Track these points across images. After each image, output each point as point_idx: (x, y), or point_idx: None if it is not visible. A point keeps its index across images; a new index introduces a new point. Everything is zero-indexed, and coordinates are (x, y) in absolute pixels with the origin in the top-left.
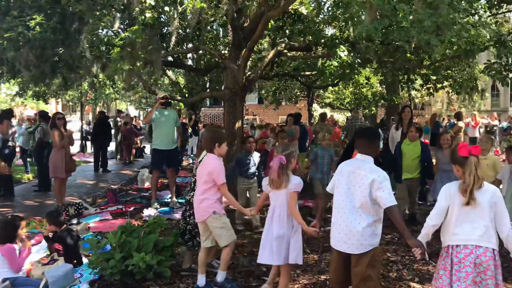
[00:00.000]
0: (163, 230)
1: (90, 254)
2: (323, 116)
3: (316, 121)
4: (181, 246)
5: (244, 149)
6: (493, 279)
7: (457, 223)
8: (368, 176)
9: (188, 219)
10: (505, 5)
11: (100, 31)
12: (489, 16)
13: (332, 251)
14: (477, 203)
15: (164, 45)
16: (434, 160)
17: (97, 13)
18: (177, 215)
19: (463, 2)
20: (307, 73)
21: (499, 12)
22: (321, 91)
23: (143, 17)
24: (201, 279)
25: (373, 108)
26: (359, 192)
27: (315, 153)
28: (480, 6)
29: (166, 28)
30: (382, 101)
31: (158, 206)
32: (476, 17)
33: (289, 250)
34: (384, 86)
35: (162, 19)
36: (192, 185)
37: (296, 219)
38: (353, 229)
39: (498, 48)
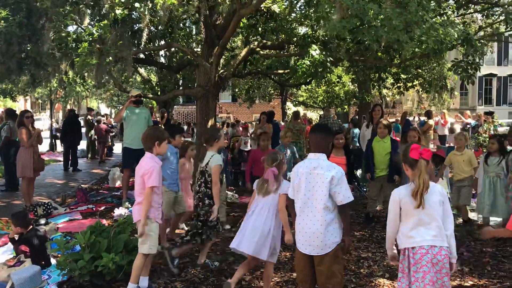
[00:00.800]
0: (134, 229)
1: (59, 255)
2: (296, 114)
3: (289, 119)
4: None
5: None
6: (448, 276)
7: (411, 226)
8: (326, 174)
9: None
10: (472, 6)
11: (69, 28)
12: (457, 16)
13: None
14: (428, 205)
15: (136, 42)
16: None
17: (61, 9)
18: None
19: (432, 2)
20: (280, 71)
21: (467, 12)
22: (294, 89)
23: (113, 13)
24: (144, 282)
25: (346, 107)
26: (320, 192)
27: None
28: (448, 7)
29: (137, 24)
30: (354, 99)
31: (130, 206)
32: (445, 17)
33: (264, 246)
34: (356, 85)
35: (133, 16)
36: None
37: (282, 221)
38: (316, 231)
39: (465, 47)
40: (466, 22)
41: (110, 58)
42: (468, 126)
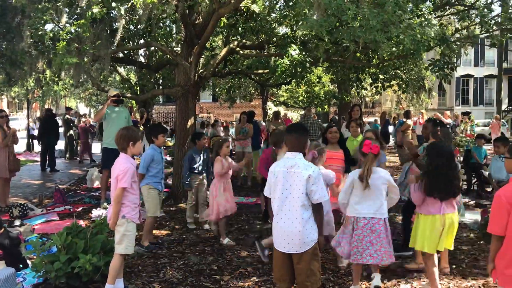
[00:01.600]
0: (112, 230)
1: (34, 257)
2: (276, 114)
3: (269, 119)
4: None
5: (195, 146)
6: (386, 239)
7: (359, 201)
8: (304, 172)
9: None
10: (449, 8)
11: (46, 26)
12: (434, 17)
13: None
14: (373, 186)
15: (114, 41)
16: None
17: (39, 6)
18: None
19: (409, 3)
20: (260, 71)
21: (444, 14)
22: (275, 89)
23: (90, 12)
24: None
25: (326, 107)
26: (297, 190)
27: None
28: (425, 8)
29: (115, 23)
30: (333, 99)
31: (108, 206)
32: (422, 18)
33: None
34: (336, 85)
35: (112, 15)
36: None
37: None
38: (295, 229)
39: (442, 47)
40: (443, 24)
41: (88, 57)
42: (448, 126)
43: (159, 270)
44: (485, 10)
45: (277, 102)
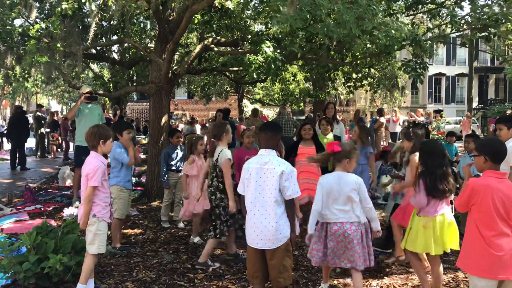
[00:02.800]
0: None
1: (2, 257)
2: (254, 111)
3: (247, 117)
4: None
5: (171, 143)
6: (359, 245)
7: (330, 206)
8: (277, 168)
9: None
10: (421, 7)
11: (16, 21)
12: (406, 16)
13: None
14: (343, 191)
15: (87, 37)
16: None
17: (8, 1)
18: None
19: (382, 2)
20: (235, 68)
21: (417, 12)
22: (251, 87)
23: (60, 8)
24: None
25: (301, 104)
26: (270, 186)
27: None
28: (397, 7)
29: (88, 19)
30: (308, 97)
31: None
32: (394, 17)
33: None
34: (311, 83)
35: (84, 10)
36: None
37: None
38: (268, 225)
39: (414, 48)
40: (415, 23)
41: (59, 54)
42: (421, 123)
43: (132, 269)
44: (455, 9)
45: (253, 100)
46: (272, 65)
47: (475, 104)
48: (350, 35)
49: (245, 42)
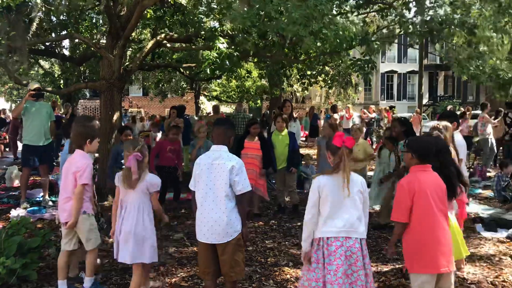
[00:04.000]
0: (32, 230)
1: None
2: (216, 108)
3: (206, 114)
4: (52, 247)
5: (121, 141)
6: (363, 269)
7: (328, 216)
8: (227, 163)
9: None
10: (371, 6)
11: None
12: (356, 15)
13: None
14: (349, 195)
15: (31, 31)
16: (316, 148)
17: None
18: (49, 215)
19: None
20: (190, 65)
21: (367, 11)
22: (207, 84)
23: (1, 0)
24: (63, 286)
25: (258, 101)
26: (221, 181)
27: (193, 146)
28: (348, 7)
29: (34, 13)
30: (264, 94)
31: (28, 206)
32: (344, 16)
33: (143, 249)
34: (267, 80)
35: (30, 4)
36: None
37: (163, 219)
38: (218, 219)
39: (363, 46)
40: (366, 22)
41: (3, 49)
42: (373, 120)
43: (82, 269)
44: (403, 10)
45: (210, 97)
46: (227, 61)
47: (425, 101)
48: (298, 35)
49: (199, 38)
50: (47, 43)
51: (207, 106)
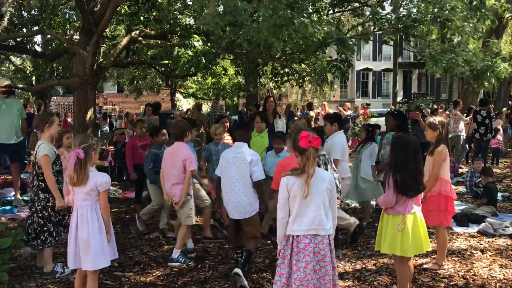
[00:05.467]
0: (3, 231)
1: None
2: (198, 106)
3: (186, 110)
4: (24, 247)
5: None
6: (330, 264)
7: (297, 214)
8: (248, 157)
9: (32, 218)
10: (346, 5)
11: None
12: (331, 13)
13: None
14: (316, 192)
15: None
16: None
17: None
18: (22, 214)
19: (306, 2)
20: (165, 61)
21: (344, 10)
22: (183, 81)
23: None
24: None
25: (235, 99)
26: (242, 170)
27: (208, 150)
28: (322, 6)
29: (2, 8)
30: (240, 91)
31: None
32: (318, 15)
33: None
34: (243, 77)
35: None
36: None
37: (105, 221)
38: (241, 200)
39: (338, 46)
40: (340, 21)
41: None
42: (349, 117)
43: (55, 272)
44: (378, 8)
45: (186, 94)
46: (203, 59)
47: (399, 98)
48: (267, 42)
49: (174, 35)
50: (18, 39)
51: (183, 103)
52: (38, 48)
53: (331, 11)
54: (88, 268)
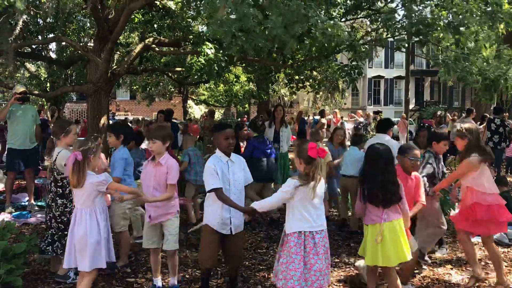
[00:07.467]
0: (16, 236)
1: None
2: (211, 113)
3: (202, 117)
4: (40, 253)
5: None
6: (328, 252)
7: (306, 212)
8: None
9: (49, 223)
10: (360, 11)
11: None
12: (345, 21)
13: None
14: (319, 195)
15: (15, 34)
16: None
17: None
18: (35, 219)
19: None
20: (178, 69)
21: (357, 17)
22: (195, 88)
23: None
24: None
25: (246, 105)
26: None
27: (186, 153)
28: (336, 13)
29: (18, 16)
30: (252, 98)
31: (13, 210)
32: (333, 21)
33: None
34: (255, 84)
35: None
36: (52, 187)
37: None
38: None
39: (350, 52)
40: (354, 28)
41: None
42: (361, 124)
43: (68, 276)
44: (390, 15)
45: (198, 101)
46: (215, 67)
47: (411, 106)
48: (280, 40)
49: (187, 43)
50: (34, 46)
51: (195, 110)
52: (53, 55)
53: (343, 18)
54: (84, 269)
